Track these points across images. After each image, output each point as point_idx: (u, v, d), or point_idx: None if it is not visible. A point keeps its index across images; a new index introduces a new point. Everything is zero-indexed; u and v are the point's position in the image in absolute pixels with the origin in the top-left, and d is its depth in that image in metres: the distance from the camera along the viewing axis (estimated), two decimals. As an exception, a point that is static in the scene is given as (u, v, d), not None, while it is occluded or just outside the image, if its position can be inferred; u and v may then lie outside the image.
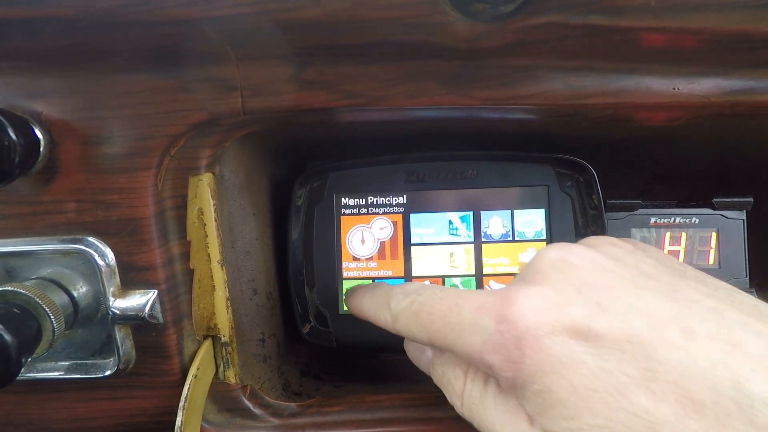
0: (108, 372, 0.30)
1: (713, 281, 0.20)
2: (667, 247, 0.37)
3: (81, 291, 0.29)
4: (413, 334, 0.23)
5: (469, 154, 0.38)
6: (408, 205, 0.38)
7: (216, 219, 0.31)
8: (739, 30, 0.23)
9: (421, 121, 0.31)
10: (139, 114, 0.27)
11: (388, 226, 0.38)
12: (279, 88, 0.27)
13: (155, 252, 0.29)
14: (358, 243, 0.38)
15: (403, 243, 0.38)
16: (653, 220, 0.37)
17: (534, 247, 0.37)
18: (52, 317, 0.27)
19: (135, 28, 0.24)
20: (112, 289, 0.29)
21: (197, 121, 0.27)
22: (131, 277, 0.29)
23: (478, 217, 0.37)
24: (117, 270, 0.29)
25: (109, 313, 0.29)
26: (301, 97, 0.27)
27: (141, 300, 0.29)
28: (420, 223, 0.38)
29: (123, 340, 0.30)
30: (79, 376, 0.30)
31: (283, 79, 0.26)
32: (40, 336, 0.26)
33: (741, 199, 0.36)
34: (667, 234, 0.37)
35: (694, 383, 0.16)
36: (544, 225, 0.37)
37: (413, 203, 0.38)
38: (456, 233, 0.37)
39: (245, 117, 0.27)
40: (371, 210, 0.38)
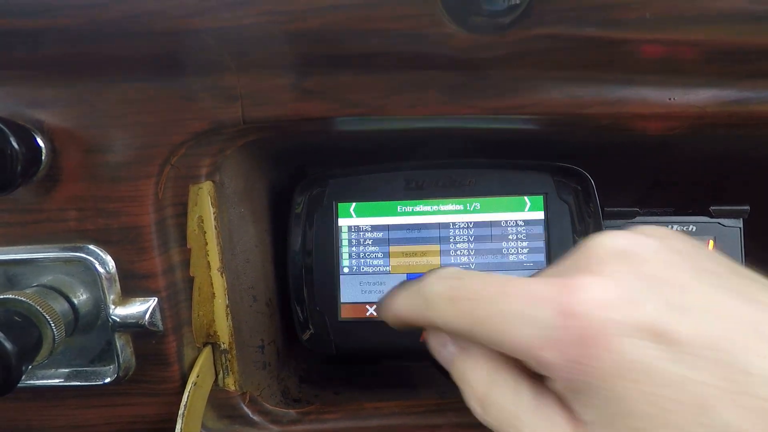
0: (108, 379, 0.30)
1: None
2: (665, 255, 0.37)
3: (81, 298, 0.29)
4: (448, 322, 0.20)
5: (468, 161, 0.38)
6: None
7: (216, 227, 0.31)
8: (735, 42, 0.23)
9: (421, 130, 0.31)
10: (141, 123, 0.27)
11: (387, 233, 0.38)
12: (279, 97, 0.27)
13: (156, 260, 0.29)
14: (357, 250, 0.38)
15: (403, 250, 0.38)
16: (651, 227, 0.37)
17: (531, 256, 0.37)
18: (52, 325, 0.27)
19: (137, 38, 0.24)
20: (112, 297, 0.29)
21: (198, 130, 0.27)
22: (132, 285, 0.29)
23: (476, 224, 0.37)
24: (117, 278, 0.29)
25: (110, 321, 0.29)
26: (301, 107, 0.27)
27: (141, 307, 0.29)
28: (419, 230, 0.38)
29: (123, 347, 0.30)
30: (79, 383, 0.30)
31: (284, 89, 0.27)
32: (40, 343, 0.26)
33: (738, 207, 0.36)
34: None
35: None
36: (541, 233, 0.37)
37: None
38: (455, 239, 0.38)
39: (246, 126, 0.28)
40: (371, 217, 0.38)
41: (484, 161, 0.38)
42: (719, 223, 0.36)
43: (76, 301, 0.29)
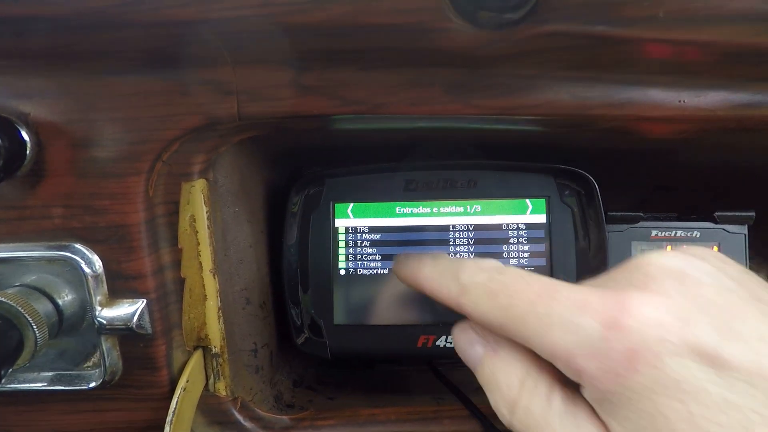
0: (93, 383, 0.29)
1: None
2: (669, 261, 0.36)
3: (66, 299, 0.28)
4: (482, 312, 0.20)
5: (469, 163, 0.37)
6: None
7: (209, 226, 0.30)
8: (750, 43, 0.23)
9: (422, 129, 0.30)
10: (132, 117, 0.26)
11: (385, 234, 0.37)
12: (277, 93, 0.26)
13: (145, 260, 0.28)
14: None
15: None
16: (654, 233, 0.37)
17: (533, 260, 0.36)
18: (34, 327, 0.25)
19: (129, 28, 0.23)
20: (99, 298, 0.28)
21: (191, 126, 0.26)
22: (119, 286, 0.28)
23: (477, 227, 0.37)
24: (104, 278, 0.28)
25: (96, 323, 0.28)
26: (300, 103, 0.26)
27: (129, 309, 0.28)
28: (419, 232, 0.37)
29: (109, 350, 0.29)
30: (63, 387, 0.29)
31: (282, 84, 0.26)
32: (21, 346, 0.25)
33: (743, 213, 0.36)
34: (668, 247, 0.36)
35: None
36: (543, 237, 0.36)
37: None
38: (455, 242, 0.37)
39: (241, 122, 0.27)
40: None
41: (485, 162, 0.37)
42: (724, 229, 0.36)
43: (60, 302, 0.28)
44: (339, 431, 0.33)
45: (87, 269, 0.27)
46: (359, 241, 0.37)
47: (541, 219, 0.36)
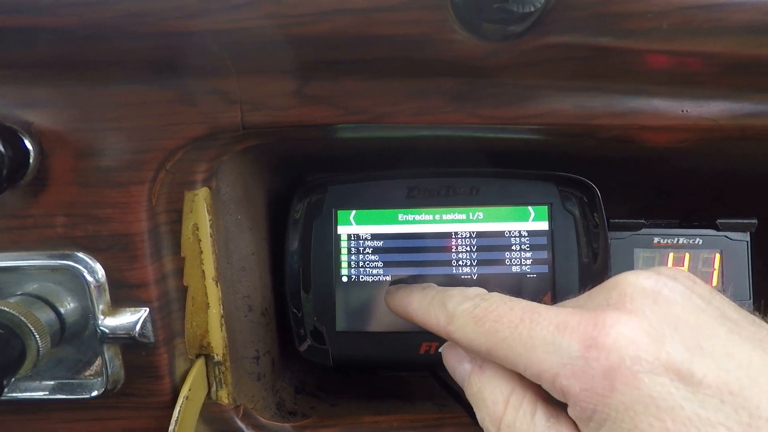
0: (95, 392, 0.29)
1: None
2: (671, 268, 0.36)
3: (68, 308, 0.28)
4: (469, 339, 0.21)
5: (472, 170, 0.37)
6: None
7: (212, 234, 0.30)
8: (752, 54, 0.23)
9: (425, 138, 0.30)
10: (135, 126, 0.26)
11: (387, 241, 0.37)
12: (280, 102, 0.26)
13: (147, 268, 0.28)
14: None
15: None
16: (657, 240, 0.37)
17: (535, 267, 0.36)
18: (37, 336, 0.25)
19: (134, 39, 0.23)
20: (101, 307, 0.28)
21: (195, 135, 0.26)
22: (122, 295, 0.28)
23: (479, 234, 0.37)
24: (107, 287, 0.28)
25: (98, 332, 0.28)
26: (303, 113, 0.26)
27: (132, 318, 0.28)
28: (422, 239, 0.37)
29: (111, 359, 0.28)
30: (65, 396, 0.29)
31: (285, 94, 0.26)
32: (24, 356, 0.25)
33: (745, 221, 0.36)
34: (671, 254, 0.36)
35: None
36: (546, 244, 0.36)
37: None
38: (457, 249, 0.37)
39: (245, 131, 0.27)
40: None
41: (487, 170, 0.37)
42: (726, 237, 0.36)
43: (62, 311, 0.28)
44: (341, 439, 0.33)
45: (90, 278, 0.27)
46: (361, 248, 0.37)
47: (544, 226, 0.36)
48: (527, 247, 0.36)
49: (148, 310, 0.28)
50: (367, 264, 0.37)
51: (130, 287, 0.28)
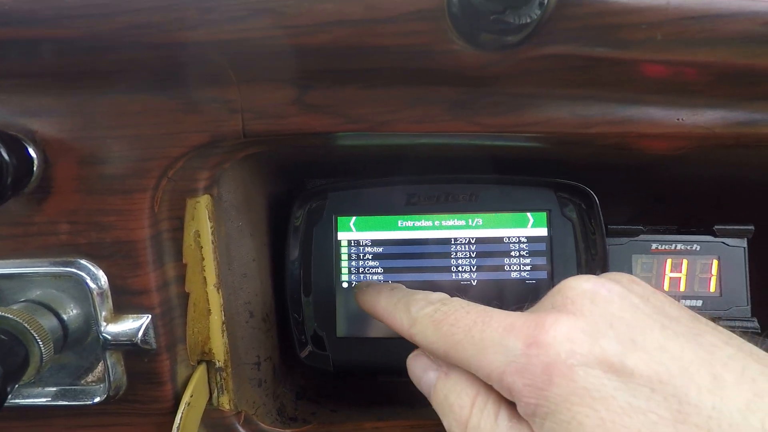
0: (97, 398, 0.29)
1: (724, 330, 0.20)
2: (669, 274, 0.37)
3: (71, 314, 0.28)
4: (429, 342, 0.22)
5: (471, 177, 0.37)
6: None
7: (213, 241, 0.30)
8: (746, 64, 0.23)
9: (424, 145, 0.30)
10: (138, 135, 0.27)
11: (387, 248, 0.37)
12: (281, 111, 0.26)
13: (150, 275, 0.28)
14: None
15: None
16: (654, 246, 0.37)
17: (534, 273, 0.36)
18: (40, 342, 0.26)
19: (137, 50, 0.23)
20: (104, 314, 0.28)
21: (197, 143, 0.27)
22: (124, 301, 0.28)
23: (478, 240, 0.37)
24: (110, 294, 0.28)
25: (101, 338, 0.28)
26: (304, 121, 0.26)
27: (134, 325, 0.28)
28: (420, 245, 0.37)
29: (114, 365, 0.29)
30: (67, 402, 0.29)
31: (286, 102, 0.26)
32: (27, 362, 0.25)
33: (742, 227, 0.36)
34: (668, 260, 0.37)
35: (723, 429, 0.16)
36: (544, 250, 0.36)
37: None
38: (456, 255, 0.37)
39: (246, 139, 0.27)
40: (371, 231, 0.37)
41: (486, 177, 0.37)
42: (723, 243, 0.36)
43: (65, 317, 0.28)
44: (342, 445, 0.33)
45: (92, 285, 0.27)
46: (362, 254, 0.37)
47: (542, 232, 0.37)
48: (526, 253, 0.37)
49: (150, 316, 0.28)
50: (368, 270, 0.37)
51: (132, 294, 0.28)
